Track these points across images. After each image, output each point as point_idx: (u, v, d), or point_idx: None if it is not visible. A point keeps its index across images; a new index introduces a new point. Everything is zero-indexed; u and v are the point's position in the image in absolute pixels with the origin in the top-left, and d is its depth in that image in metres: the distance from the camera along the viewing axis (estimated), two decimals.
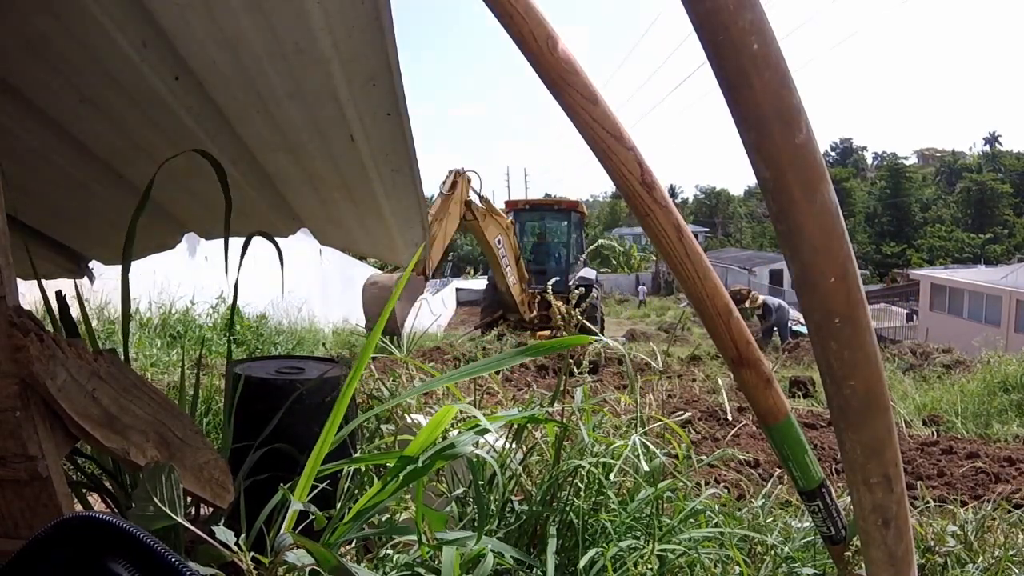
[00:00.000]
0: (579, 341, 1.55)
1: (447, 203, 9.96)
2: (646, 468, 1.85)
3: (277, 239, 2.45)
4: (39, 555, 0.68)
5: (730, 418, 5.18)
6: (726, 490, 2.80)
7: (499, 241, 11.62)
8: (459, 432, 1.55)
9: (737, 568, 1.79)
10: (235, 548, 1.14)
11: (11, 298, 1.18)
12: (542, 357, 8.12)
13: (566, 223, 15.93)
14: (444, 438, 1.54)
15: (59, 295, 1.96)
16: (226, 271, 2.02)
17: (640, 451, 1.89)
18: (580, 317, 2.04)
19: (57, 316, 1.93)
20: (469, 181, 10.48)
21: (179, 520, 1.16)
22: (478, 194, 10.81)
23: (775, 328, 15.24)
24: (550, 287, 2.25)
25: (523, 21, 0.94)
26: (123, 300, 1.95)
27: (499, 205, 12.54)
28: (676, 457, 2.16)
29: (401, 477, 1.38)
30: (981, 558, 2.00)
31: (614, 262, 40.22)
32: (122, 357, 1.88)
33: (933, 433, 5.72)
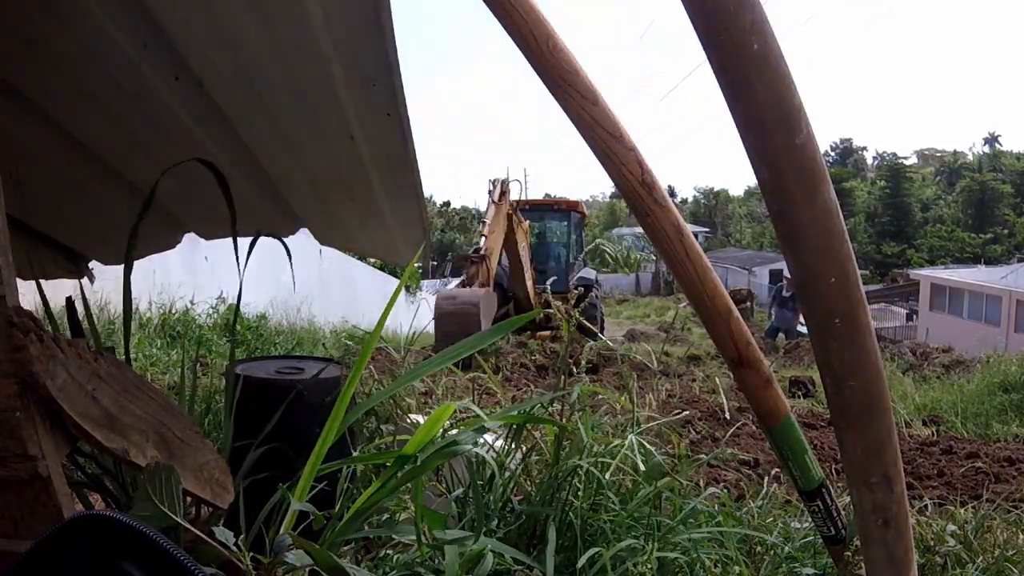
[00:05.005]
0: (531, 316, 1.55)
1: (500, 213, 9.57)
2: (643, 468, 1.85)
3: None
4: (50, 553, 0.68)
5: (730, 418, 5.18)
6: (726, 490, 2.80)
7: (524, 249, 11.19)
8: (458, 431, 1.55)
9: (737, 568, 1.79)
10: (234, 548, 1.14)
11: (11, 298, 1.17)
12: (542, 358, 8.15)
13: (566, 223, 15.92)
14: (443, 437, 1.55)
15: (69, 301, 1.96)
16: (240, 275, 2.02)
17: (637, 450, 1.89)
18: (579, 317, 2.04)
19: (64, 318, 1.93)
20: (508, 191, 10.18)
21: (178, 520, 1.16)
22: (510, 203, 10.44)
23: (779, 330, 15.22)
24: (548, 286, 2.26)
25: (523, 21, 0.94)
26: (124, 302, 1.95)
27: None
28: (675, 457, 2.16)
29: (399, 476, 1.38)
30: (981, 558, 2.00)
31: (611, 263, 40.18)
32: (123, 357, 1.89)
33: (933, 433, 5.72)
